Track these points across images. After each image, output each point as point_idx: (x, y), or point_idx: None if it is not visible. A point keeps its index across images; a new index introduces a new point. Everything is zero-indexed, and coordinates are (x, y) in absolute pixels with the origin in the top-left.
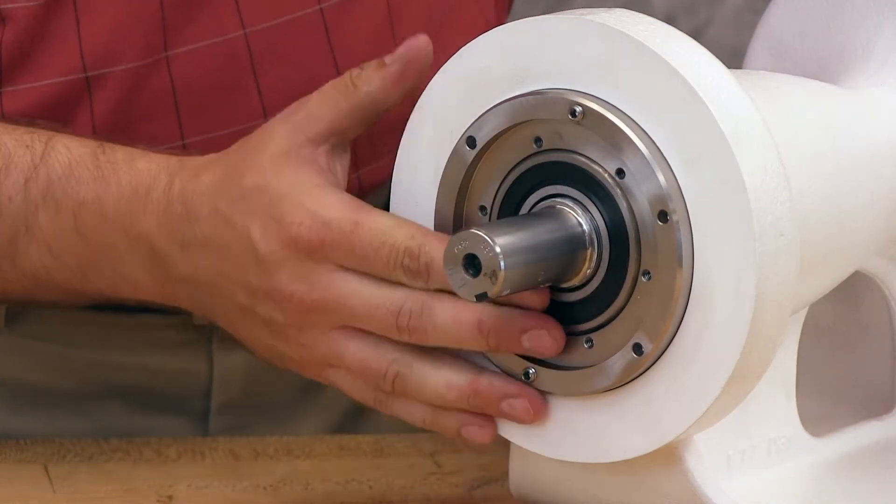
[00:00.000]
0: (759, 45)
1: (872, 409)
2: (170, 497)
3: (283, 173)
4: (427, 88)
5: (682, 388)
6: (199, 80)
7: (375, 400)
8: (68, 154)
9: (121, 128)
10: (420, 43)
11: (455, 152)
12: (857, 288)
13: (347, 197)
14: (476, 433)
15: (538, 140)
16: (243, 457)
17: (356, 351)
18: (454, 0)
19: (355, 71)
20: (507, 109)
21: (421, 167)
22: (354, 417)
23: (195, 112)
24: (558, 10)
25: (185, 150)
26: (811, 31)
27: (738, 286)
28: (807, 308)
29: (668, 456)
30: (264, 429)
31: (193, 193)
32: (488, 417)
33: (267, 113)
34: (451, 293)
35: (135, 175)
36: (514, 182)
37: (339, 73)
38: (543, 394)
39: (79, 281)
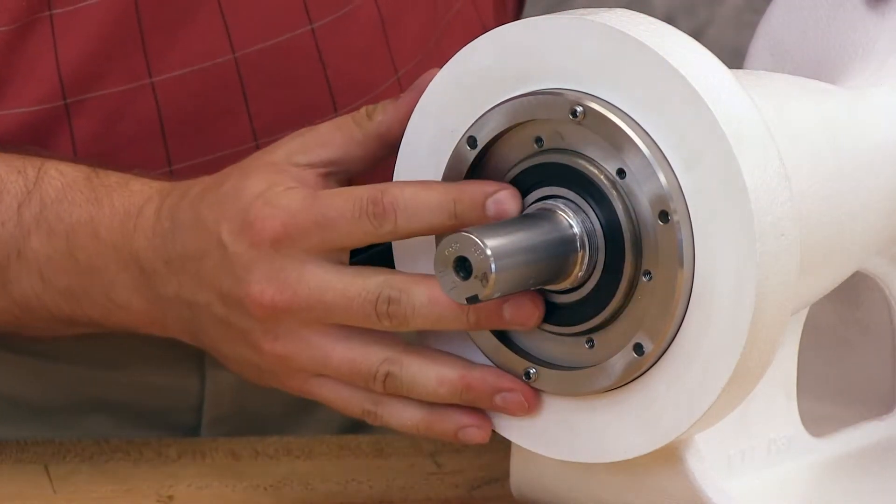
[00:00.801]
0: (760, 45)
1: (873, 409)
2: (170, 497)
3: (261, 177)
4: (428, 88)
5: (683, 388)
6: (187, 105)
7: (364, 411)
8: (61, 178)
9: (104, 154)
10: (430, 74)
11: (456, 152)
12: (858, 288)
13: (307, 189)
14: (474, 434)
15: (539, 140)
16: (243, 457)
17: (343, 353)
18: (452, 13)
19: (369, 107)
20: (507, 109)
21: (422, 167)
22: (351, 418)
23: (183, 137)
24: (559, 10)
25: (172, 175)
26: (811, 31)
27: (739, 286)
28: (807, 308)
29: (669, 456)
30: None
31: (178, 207)
32: (483, 416)
33: (258, 136)
34: (427, 275)
35: (128, 196)
36: (515, 182)
37: (332, 93)
38: (536, 388)
39: (70, 307)
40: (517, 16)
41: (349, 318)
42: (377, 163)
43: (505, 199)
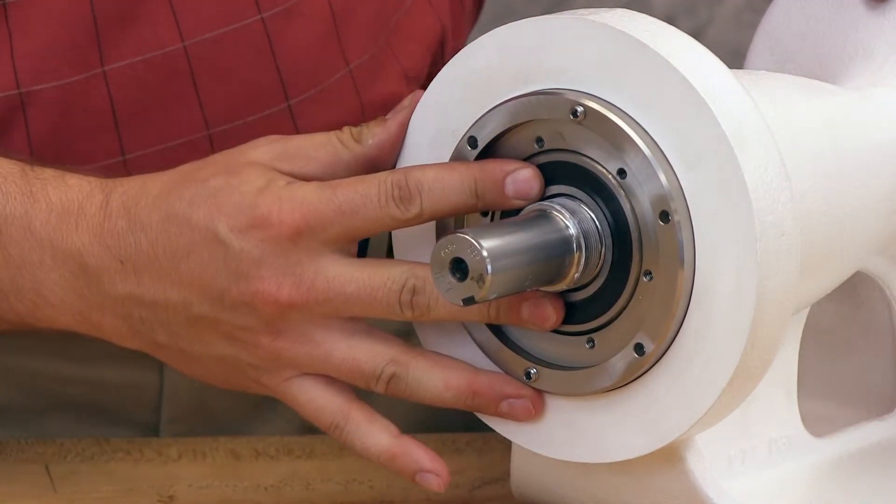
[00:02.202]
0: (760, 44)
1: (873, 409)
2: (170, 497)
3: (254, 173)
4: (428, 88)
5: (684, 389)
6: (138, 94)
7: (332, 424)
8: None
9: (59, 145)
10: (417, 97)
11: (457, 152)
12: (858, 288)
13: (317, 182)
14: (431, 482)
15: (540, 140)
16: (244, 457)
17: (346, 351)
18: (403, 9)
19: (354, 129)
20: (508, 109)
21: None
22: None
23: (135, 127)
24: (559, 10)
25: (126, 165)
26: (812, 31)
27: (740, 286)
28: (808, 308)
29: (669, 456)
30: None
31: (137, 206)
32: (443, 466)
33: (210, 125)
34: None
35: (65, 191)
36: None
37: (283, 83)
38: (541, 393)
39: None
40: (476, 14)
41: (370, 309)
42: None
43: (525, 177)
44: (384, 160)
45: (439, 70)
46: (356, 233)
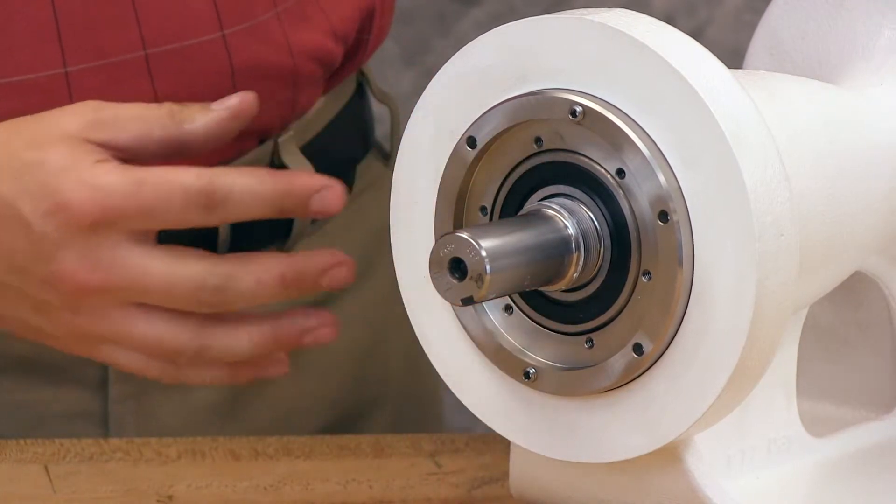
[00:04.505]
0: (759, 45)
1: (872, 409)
2: (170, 497)
3: (62, 150)
4: (427, 88)
5: (683, 388)
6: (81, 6)
7: (163, 373)
8: None
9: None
10: (250, 98)
11: (455, 152)
12: (857, 288)
13: (125, 166)
14: (276, 370)
15: (538, 140)
16: (243, 457)
17: (146, 330)
18: None
19: (176, 106)
20: (507, 109)
21: (421, 167)
22: (351, 419)
23: (77, 40)
24: (558, 10)
25: (67, 78)
26: (811, 31)
27: (739, 286)
28: (807, 308)
29: (669, 456)
30: (163, 395)
31: None
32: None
33: (146, 45)
34: (249, 255)
35: None
36: (515, 182)
37: (217, 11)
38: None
39: None
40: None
41: (168, 301)
42: (168, 161)
43: (329, 196)
44: (196, 147)
45: (366, 39)
46: (157, 228)
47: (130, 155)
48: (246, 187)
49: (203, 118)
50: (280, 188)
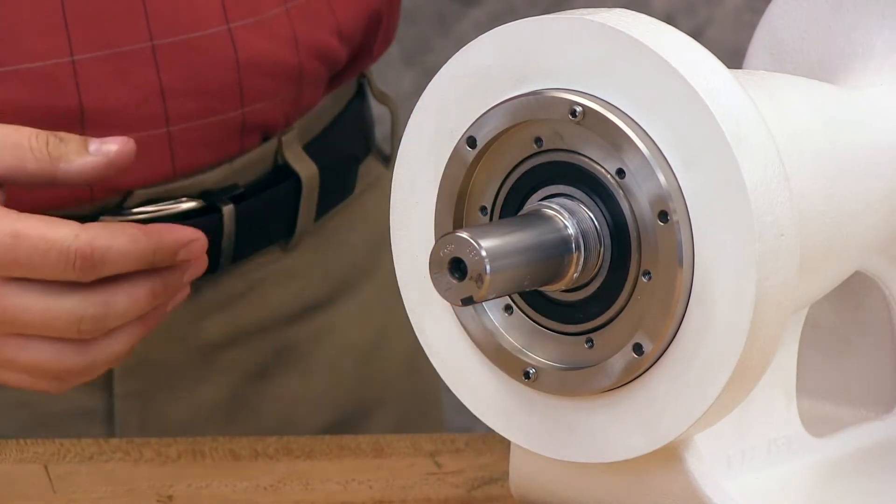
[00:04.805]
0: (759, 45)
1: (873, 409)
2: (170, 497)
3: None
4: (427, 88)
5: (683, 388)
6: None
7: (52, 388)
8: None
9: (7, 40)
10: (128, 148)
11: (455, 152)
12: (857, 288)
13: (3, 212)
14: (193, 249)
15: (538, 140)
16: (243, 457)
17: (29, 357)
18: None
19: (53, 140)
20: (507, 109)
21: (421, 167)
22: (352, 419)
23: (84, 28)
24: (558, 10)
25: (74, 67)
26: (811, 31)
27: (739, 286)
28: (807, 308)
29: (669, 456)
30: (168, 393)
31: None
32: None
33: (153, 37)
34: (120, 279)
35: None
36: (515, 182)
37: (223, 5)
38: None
39: None
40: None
41: (50, 332)
42: (31, 189)
43: (195, 249)
44: (68, 184)
45: (372, 43)
46: (33, 277)
47: (1, 181)
48: (121, 248)
49: (79, 161)
50: (151, 245)
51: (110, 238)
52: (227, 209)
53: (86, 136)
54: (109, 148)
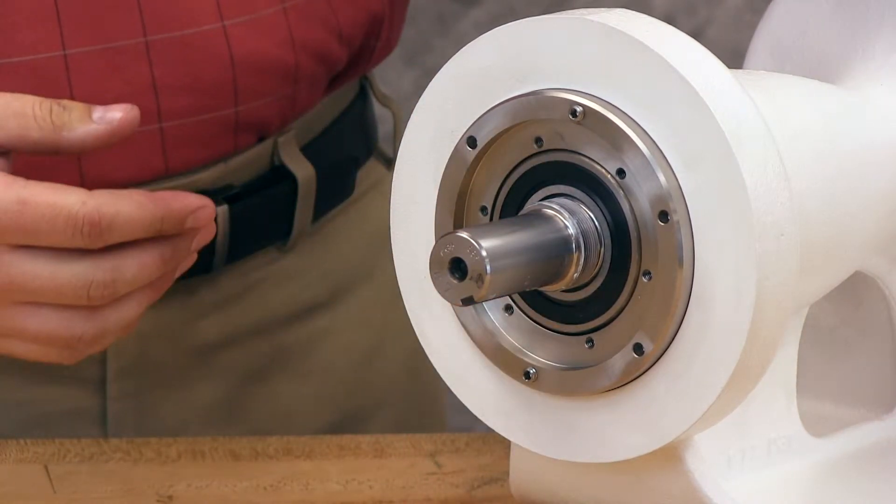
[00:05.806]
0: (760, 45)
1: (873, 409)
2: (170, 497)
3: None
4: (427, 88)
5: (683, 388)
6: None
7: (62, 358)
8: None
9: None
10: (132, 115)
11: (456, 152)
12: (857, 288)
13: (10, 179)
14: (201, 217)
15: (539, 140)
16: (243, 457)
17: (39, 325)
18: None
19: (56, 108)
20: (507, 109)
21: (421, 167)
22: (352, 420)
23: (76, 21)
24: (558, 10)
25: (66, 61)
26: (811, 31)
27: (739, 286)
28: (807, 308)
29: (669, 456)
30: (163, 394)
31: None
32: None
33: (147, 32)
34: (129, 245)
35: None
36: (516, 182)
37: (218, 2)
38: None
39: None
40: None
41: (59, 299)
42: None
43: (201, 215)
44: (71, 153)
45: (373, 46)
46: (40, 244)
47: (5, 150)
48: (129, 215)
49: (82, 128)
50: (159, 213)
51: (118, 204)
52: (222, 209)
53: (89, 104)
54: (113, 115)
